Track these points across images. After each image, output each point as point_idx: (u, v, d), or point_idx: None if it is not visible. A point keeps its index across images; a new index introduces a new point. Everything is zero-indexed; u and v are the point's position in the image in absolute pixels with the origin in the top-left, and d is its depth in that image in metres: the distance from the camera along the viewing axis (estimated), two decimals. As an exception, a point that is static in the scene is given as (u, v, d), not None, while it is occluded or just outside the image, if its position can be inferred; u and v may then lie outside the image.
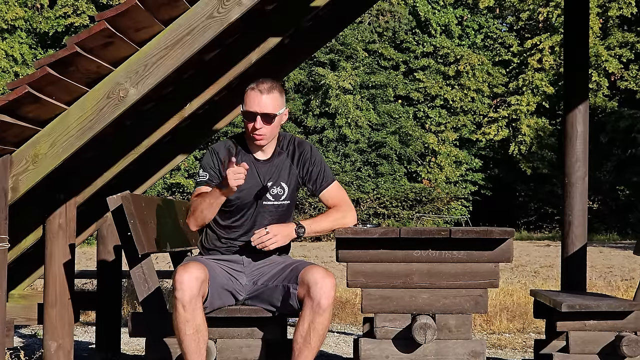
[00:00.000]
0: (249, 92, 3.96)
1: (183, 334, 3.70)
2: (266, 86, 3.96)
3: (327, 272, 3.80)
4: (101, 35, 3.89)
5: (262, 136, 3.95)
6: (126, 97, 4.08)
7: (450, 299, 4.10)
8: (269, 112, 3.93)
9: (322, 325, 3.75)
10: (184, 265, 3.76)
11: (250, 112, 3.93)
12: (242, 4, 4.05)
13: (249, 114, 3.94)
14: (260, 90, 3.94)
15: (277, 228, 3.93)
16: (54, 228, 5.02)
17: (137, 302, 8.44)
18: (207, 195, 3.92)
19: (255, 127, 3.93)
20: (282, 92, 4.01)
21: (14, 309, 5.63)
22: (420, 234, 4.09)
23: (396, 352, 4.09)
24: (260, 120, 3.92)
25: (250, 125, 3.95)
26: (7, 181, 4.14)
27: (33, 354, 6.00)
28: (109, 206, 4.20)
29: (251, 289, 4.02)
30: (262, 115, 3.92)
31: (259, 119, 3.92)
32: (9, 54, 32.79)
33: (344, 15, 6.22)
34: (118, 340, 6.09)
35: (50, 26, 33.59)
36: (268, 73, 5.61)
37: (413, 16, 38.37)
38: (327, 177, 4.10)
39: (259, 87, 3.96)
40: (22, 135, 4.14)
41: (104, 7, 31.75)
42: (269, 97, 3.94)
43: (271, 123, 3.94)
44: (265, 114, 3.92)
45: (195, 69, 5.49)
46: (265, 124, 3.93)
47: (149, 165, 6.25)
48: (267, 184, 4.01)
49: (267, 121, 3.93)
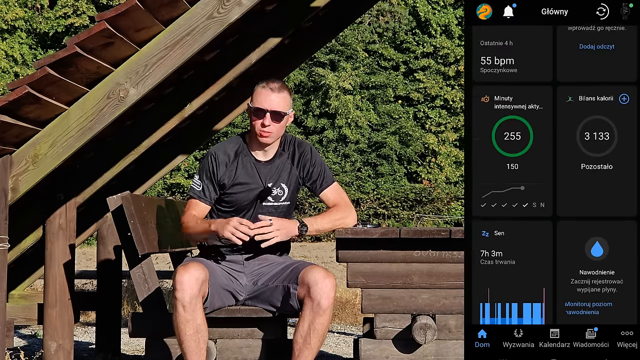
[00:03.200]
0: (260, 89, 3.97)
1: (183, 334, 3.70)
2: (277, 85, 3.97)
3: (327, 272, 3.80)
4: (101, 36, 3.89)
5: (269, 134, 3.95)
6: (126, 97, 4.08)
7: (450, 299, 4.10)
8: (278, 110, 3.93)
9: (322, 326, 3.75)
10: (184, 265, 3.76)
11: (259, 109, 3.93)
12: (242, 5, 4.05)
13: (259, 111, 3.94)
14: (272, 88, 3.95)
15: (281, 222, 3.92)
16: (54, 228, 5.02)
17: (137, 302, 8.44)
18: (201, 226, 3.94)
19: (264, 124, 3.92)
20: (290, 94, 4.02)
21: (14, 309, 5.63)
22: (420, 234, 4.09)
23: (396, 353, 4.09)
24: (269, 117, 3.92)
25: (258, 122, 3.94)
26: (7, 181, 4.14)
27: (33, 354, 6.00)
28: (109, 206, 4.20)
29: (251, 289, 4.02)
30: (271, 113, 3.92)
31: (268, 116, 3.92)
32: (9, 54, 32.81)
33: (344, 15, 6.22)
34: (118, 341, 6.09)
35: (50, 26, 33.60)
36: (268, 73, 5.62)
37: (413, 16, 38.38)
38: (327, 178, 4.10)
39: (269, 85, 3.96)
40: (22, 136, 4.14)
41: (104, 8, 31.76)
42: (279, 96, 3.95)
43: (280, 121, 3.94)
44: (274, 112, 3.93)
45: (195, 69, 5.49)
46: (273, 122, 3.93)
47: (149, 165, 6.25)
48: (268, 185, 4.01)
49: (276, 119, 3.93)
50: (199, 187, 4.01)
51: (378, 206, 34.71)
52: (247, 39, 5.45)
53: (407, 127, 36.45)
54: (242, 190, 3.99)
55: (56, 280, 5.03)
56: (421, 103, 37.82)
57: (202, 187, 4.00)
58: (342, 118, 35.46)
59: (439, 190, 35.68)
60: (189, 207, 4.02)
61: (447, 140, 37.33)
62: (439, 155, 37.12)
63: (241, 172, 4.01)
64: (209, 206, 4.03)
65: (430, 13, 38.29)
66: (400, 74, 37.97)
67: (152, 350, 4.06)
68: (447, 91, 37.41)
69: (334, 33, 6.51)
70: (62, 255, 5.04)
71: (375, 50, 37.70)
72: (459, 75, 37.63)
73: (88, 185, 5.47)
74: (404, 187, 35.53)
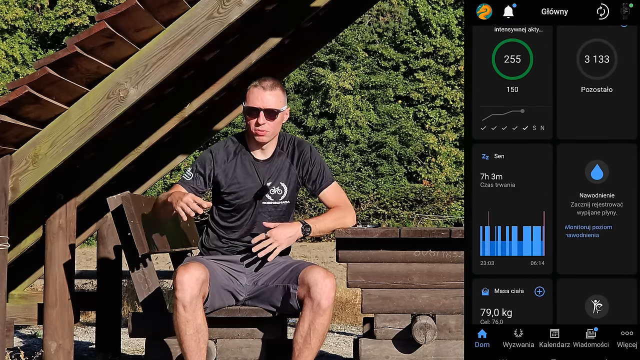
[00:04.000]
0: (252, 89, 3.98)
1: (183, 334, 3.70)
2: (269, 83, 3.98)
3: (327, 272, 3.81)
4: (101, 36, 3.89)
5: (265, 132, 3.95)
6: (126, 97, 4.08)
7: (450, 299, 4.10)
8: (272, 108, 3.94)
9: (323, 326, 3.75)
10: (185, 265, 3.76)
11: (253, 108, 3.94)
12: (242, 5, 4.05)
13: (252, 110, 3.94)
14: (264, 87, 3.96)
15: (278, 231, 3.93)
16: (54, 228, 5.02)
17: (137, 302, 8.44)
18: (162, 197, 3.97)
19: (259, 123, 3.93)
20: (283, 91, 4.03)
21: (14, 309, 5.63)
22: (420, 234, 4.09)
23: (396, 353, 4.09)
24: (263, 115, 3.93)
25: (252, 121, 3.95)
26: (7, 181, 4.14)
27: (33, 354, 5.99)
28: (109, 206, 4.20)
29: (251, 290, 4.02)
30: (265, 111, 3.93)
31: (262, 114, 3.93)
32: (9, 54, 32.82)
33: (344, 15, 6.22)
34: (118, 341, 6.09)
35: (50, 26, 33.61)
36: (268, 73, 5.60)
37: (413, 16, 38.38)
38: (327, 178, 4.10)
39: (261, 84, 3.98)
40: (22, 136, 4.14)
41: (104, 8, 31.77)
42: (272, 94, 3.96)
43: (274, 119, 3.95)
44: (268, 110, 3.93)
45: (195, 69, 5.49)
46: (268, 120, 3.94)
47: (149, 165, 6.25)
48: (266, 184, 4.01)
49: (270, 117, 3.94)
50: (188, 177, 4.03)
51: (378, 206, 34.71)
52: (247, 39, 5.46)
53: (407, 127, 36.46)
54: (240, 189, 4.00)
55: (56, 280, 5.03)
56: (421, 103, 37.82)
57: (191, 178, 4.02)
58: (342, 118, 35.47)
59: (439, 190, 35.69)
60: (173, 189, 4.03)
61: (447, 140, 37.33)
62: (439, 155, 37.13)
63: (239, 171, 4.01)
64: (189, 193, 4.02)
65: (430, 13, 38.30)
66: (400, 74, 37.97)
67: (152, 350, 4.07)
68: (447, 91, 37.41)
69: (334, 33, 6.51)
70: (62, 255, 5.04)
71: (375, 50, 37.71)
72: (459, 75, 37.62)
73: (88, 185, 5.47)
74: (404, 187, 35.54)
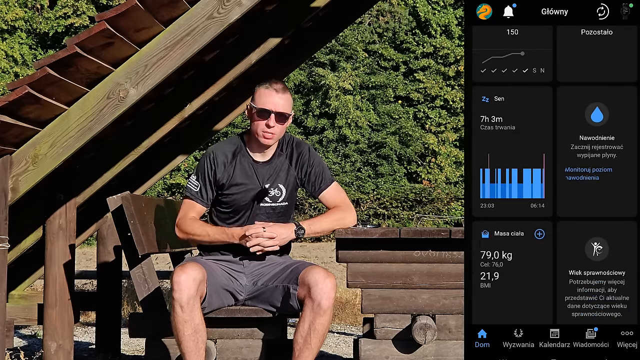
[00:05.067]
0: (263, 90, 3.95)
1: (181, 335, 3.70)
2: (280, 86, 3.96)
3: (327, 272, 3.80)
4: (101, 36, 3.89)
5: (273, 135, 3.93)
6: (126, 97, 4.08)
7: (450, 299, 4.10)
8: (283, 112, 3.93)
9: (323, 326, 3.75)
10: (182, 266, 3.76)
11: (264, 110, 3.91)
12: (242, 5, 4.05)
13: (263, 112, 3.91)
14: (276, 89, 3.94)
15: (275, 229, 3.92)
16: (54, 228, 5.02)
17: (137, 302, 8.44)
18: (215, 233, 3.95)
19: (269, 125, 3.90)
20: (291, 96, 4.01)
21: (14, 309, 5.63)
22: (420, 235, 4.09)
23: (396, 353, 4.09)
24: (274, 118, 3.91)
25: (262, 123, 3.92)
26: (7, 182, 4.14)
27: (33, 354, 6.00)
28: (109, 207, 4.20)
29: (251, 290, 4.02)
30: (276, 114, 3.91)
31: (272, 117, 3.91)
32: (9, 54, 32.81)
33: (344, 15, 6.22)
34: (118, 341, 6.09)
35: (50, 27, 33.61)
36: (268, 73, 5.62)
37: (413, 17, 38.38)
38: (326, 178, 4.09)
39: (273, 86, 3.95)
40: (22, 136, 4.14)
41: (104, 8, 31.77)
42: (283, 97, 3.94)
43: (284, 123, 3.94)
44: (279, 113, 3.92)
45: (195, 69, 5.49)
46: (278, 123, 3.92)
47: (149, 165, 6.25)
48: (265, 186, 4.01)
49: (281, 121, 3.93)
50: (195, 188, 4.00)
51: (378, 206, 34.71)
52: (247, 39, 5.46)
53: (407, 127, 36.45)
54: (239, 190, 3.99)
55: (56, 280, 5.03)
56: (421, 103, 37.82)
57: (199, 188, 3.99)
58: (342, 118, 35.46)
59: (439, 190, 35.68)
60: (185, 208, 4.01)
61: (447, 140, 37.33)
62: (439, 156, 37.13)
63: (239, 172, 4.00)
64: (206, 208, 4.02)
65: (430, 13, 38.29)
66: (400, 74, 37.97)
67: (152, 350, 4.07)
68: (447, 91, 37.41)
69: (334, 33, 6.51)
70: (62, 255, 5.04)
71: (375, 50, 37.71)
72: (459, 76, 37.61)
73: (88, 185, 5.47)
74: (404, 187, 35.53)
